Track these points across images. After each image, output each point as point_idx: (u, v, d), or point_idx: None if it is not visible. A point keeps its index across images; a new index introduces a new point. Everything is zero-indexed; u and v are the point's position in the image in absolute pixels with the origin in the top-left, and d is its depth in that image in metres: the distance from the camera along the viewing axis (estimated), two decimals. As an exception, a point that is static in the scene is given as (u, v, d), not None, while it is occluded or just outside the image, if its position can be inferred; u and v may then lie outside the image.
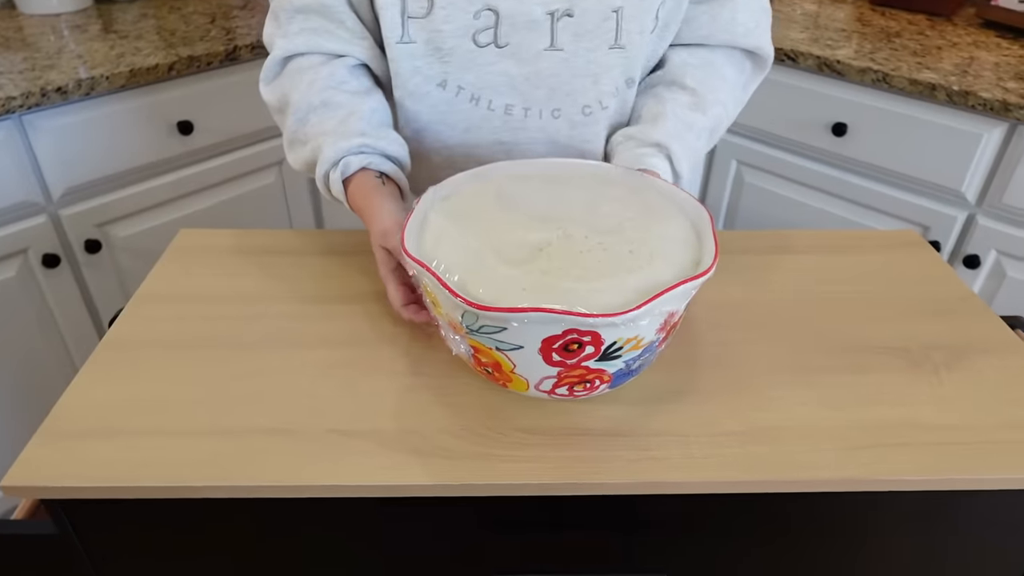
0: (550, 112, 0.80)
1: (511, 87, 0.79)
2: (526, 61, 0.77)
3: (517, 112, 0.80)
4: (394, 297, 0.68)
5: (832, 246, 0.85)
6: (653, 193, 0.65)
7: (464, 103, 0.80)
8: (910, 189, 1.40)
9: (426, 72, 0.78)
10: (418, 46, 0.76)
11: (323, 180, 0.76)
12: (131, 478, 0.56)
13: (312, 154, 0.77)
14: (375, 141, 0.75)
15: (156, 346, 0.69)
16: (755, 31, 0.83)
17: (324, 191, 0.77)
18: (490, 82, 0.78)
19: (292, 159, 0.81)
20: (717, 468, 0.57)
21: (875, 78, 1.33)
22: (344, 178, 0.74)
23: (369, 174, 0.74)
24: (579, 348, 0.54)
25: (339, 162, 0.74)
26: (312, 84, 0.77)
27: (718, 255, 0.57)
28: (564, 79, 0.78)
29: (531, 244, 0.57)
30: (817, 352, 0.69)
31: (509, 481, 0.57)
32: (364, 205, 0.73)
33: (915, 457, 0.58)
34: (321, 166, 0.75)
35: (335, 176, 0.74)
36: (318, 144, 0.76)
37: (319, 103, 0.77)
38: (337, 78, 0.78)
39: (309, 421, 0.61)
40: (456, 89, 0.79)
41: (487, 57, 0.76)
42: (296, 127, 0.78)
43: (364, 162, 0.74)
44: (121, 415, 0.61)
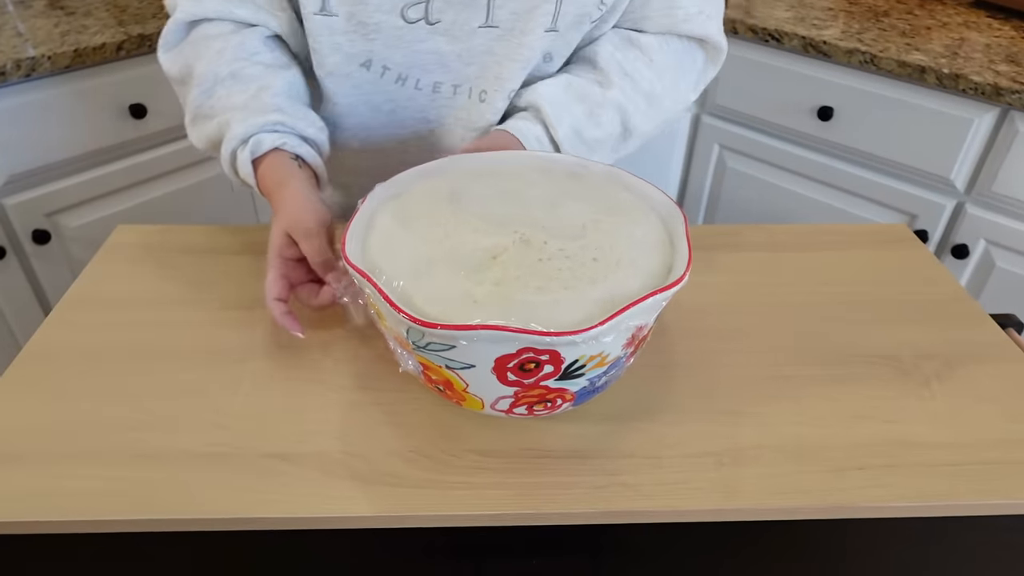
0: (478, 95, 0.74)
1: (441, 64, 0.72)
2: (459, 38, 0.71)
3: (446, 90, 0.74)
4: (270, 286, 0.61)
5: (816, 243, 0.80)
6: (622, 190, 0.60)
7: (390, 83, 0.74)
8: (897, 176, 1.35)
9: (348, 50, 0.71)
10: (339, 20, 0.69)
11: (229, 160, 0.68)
12: (46, 511, 0.50)
13: (218, 130, 0.69)
14: (292, 120, 0.68)
15: (79, 358, 0.62)
16: (697, 17, 0.76)
17: (230, 172, 0.70)
18: (419, 61, 0.72)
19: (195, 136, 0.73)
20: (691, 495, 0.52)
21: (862, 60, 1.28)
22: (254, 158, 0.67)
23: (283, 155, 0.68)
24: (536, 367, 0.48)
25: (249, 140, 0.67)
26: (221, 53, 0.70)
27: (691, 262, 0.51)
28: (496, 59, 0.72)
29: (485, 250, 0.51)
30: (800, 362, 0.64)
31: (462, 512, 0.51)
32: (276, 189, 0.66)
33: (906, 480, 0.53)
34: (228, 143, 0.67)
35: (244, 155, 0.67)
36: (225, 119, 0.68)
37: (227, 74, 0.69)
38: (249, 48, 0.70)
39: (243, 443, 0.55)
40: (382, 69, 0.72)
41: (417, 34, 0.70)
42: (201, 100, 0.71)
43: (278, 141, 0.67)
44: (38, 438, 0.55)
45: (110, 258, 0.75)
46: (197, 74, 0.71)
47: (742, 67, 1.44)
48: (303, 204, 0.63)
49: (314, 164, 0.70)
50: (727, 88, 1.48)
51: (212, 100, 0.70)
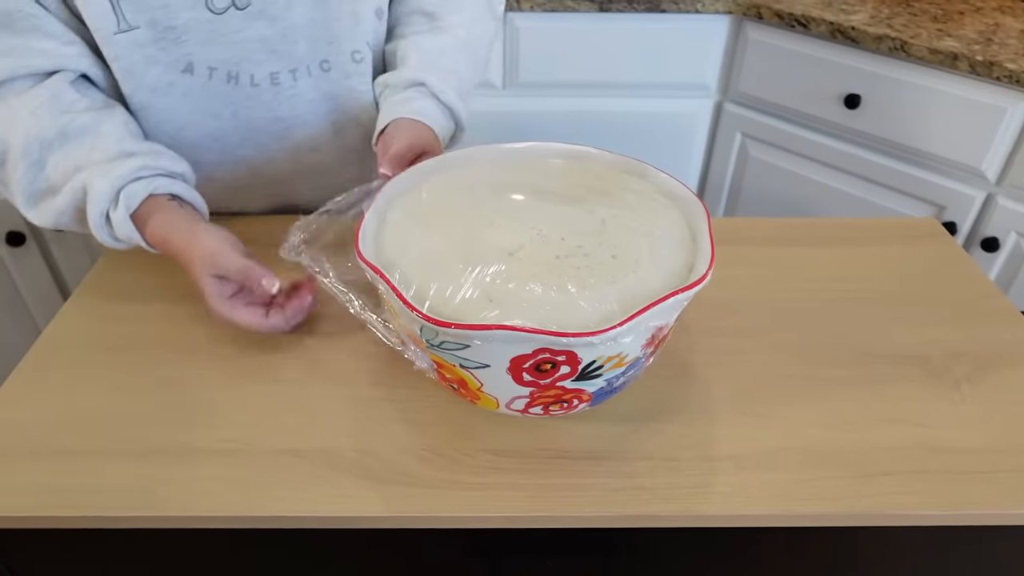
0: (319, 66, 0.71)
1: (269, 52, 0.68)
2: (276, 17, 0.66)
3: (285, 78, 0.70)
4: (252, 322, 0.59)
5: (842, 237, 0.78)
6: (643, 183, 0.58)
7: (221, 84, 0.69)
8: (926, 166, 1.31)
9: (164, 60, 0.65)
10: (143, 31, 0.63)
11: (101, 224, 0.61)
12: (56, 507, 0.50)
13: (73, 199, 0.61)
14: (151, 160, 0.63)
15: (93, 350, 0.62)
16: None
17: (105, 238, 0.62)
18: (244, 53, 0.67)
19: (41, 216, 0.64)
20: (710, 500, 0.51)
21: (892, 46, 1.24)
22: (131, 213, 0.61)
23: (160, 200, 0.62)
24: (553, 368, 0.47)
25: (119, 195, 0.61)
26: (35, 115, 0.61)
27: (714, 260, 0.49)
28: (323, 25, 0.69)
29: (501, 247, 0.49)
30: (825, 362, 0.62)
31: (475, 513, 0.50)
32: (170, 237, 0.61)
33: (935, 487, 0.52)
34: (95, 207, 0.60)
35: (119, 215, 0.61)
36: (79, 184, 0.61)
37: (55, 136, 0.61)
38: (65, 100, 0.62)
39: (256, 439, 0.55)
40: (207, 71, 0.67)
41: (230, 23, 0.65)
42: (33, 175, 0.62)
43: (149, 187, 0.62)
44: (50, 432, 0.55)
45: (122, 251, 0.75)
46: (16, 147, 0.61)
47: (766, 53, 1.40)
48: (208, 239, 0.59)
49: (190, 198, 0.65)
50: (750, 75, 1.44)
51: (48, 171, 0.62)
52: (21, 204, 0.64)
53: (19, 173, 0.62)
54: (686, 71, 1.49)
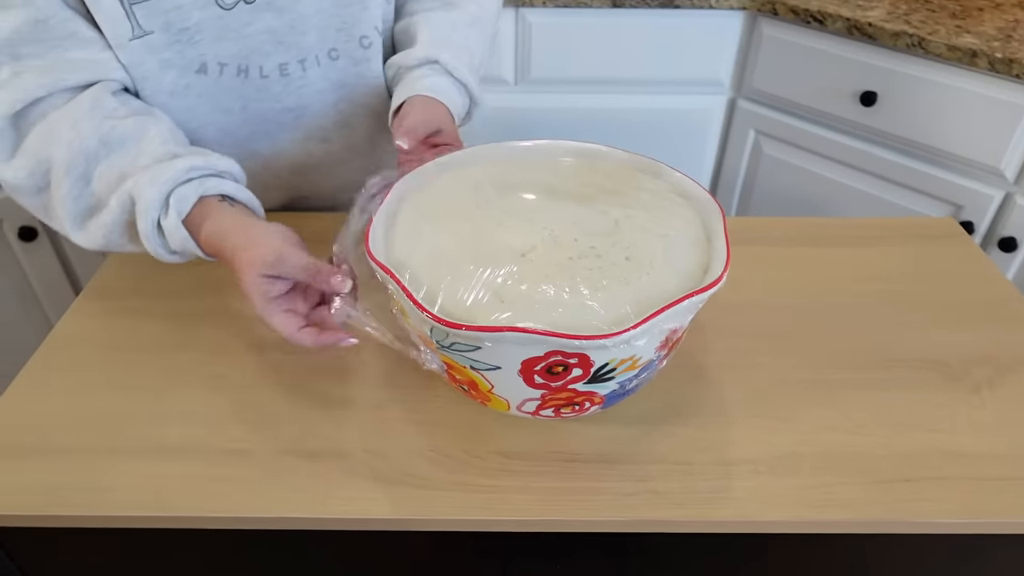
0: (327, 55, 0.71)
1: (277, 43, 0.68)
2: (284, 8, 0.66)
3: (294, 69, 0.70)
4: (283, 327, 0.53)
5: (858, 237, 0.77)
6: (655, 181, 0.57)
7: (231, 79, 0.68)
8: (943, 165, 1.29)
9: (179, 63, 0.64)
10: (157, 35, 0.62)
11: (153, 234, 0.57)
12: (63, 507, 0.50)
13: (122, 211, 0.58)
14: (199, 159, 0.58)
15: (102, 348, 0.62)
16: None
17: (159, 250, 0.58)
18: (252, 46, 0.67)
19: (89, 238, 0.60)
20: (724, 505, 0.50)
21: (909, 42, 1.22)
22: (183, 219, 0.57)
23: (211, 202, 0.58)
24: (565, 371, 0.46)
25: (169, 200, 0.56)
26: (77, 127, 0.58)
27: (729, 261, 0.49)
28: (331, 12, 0.69)
29: (513, 248, 0.49)
30: (842, 365, 0.61)
31: (485, 517, 0.50)
32: (226, 239, 0.56)
33: (953, 494, 0.51)
34: (145, 218, 0.56)
35: (171, 221, 0.56)
36: (125, 195, 0.57)
37: (97, 145, 0.58)
38: (106, 108, 0.60)
39: (264, 440, 0.54)
40: (219, 68, 0.67)
41: (240, 17, 0.65)
42: (79, 190, 0.59)
43: (200, 190, 0.57)
44: (58, 430, 0.55)
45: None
46: (60, 163, 0.58)
47: (781, 49, 1.38)
48: (275, 243, 0.54)
49: (244, 198, 0.61)
50: (765, 71, 1.43)
51: (94, 184, 0.59)
52: (69, 227, 0.60)
53: (63, 191, 0.58)
54: (699, 67, 1.48)
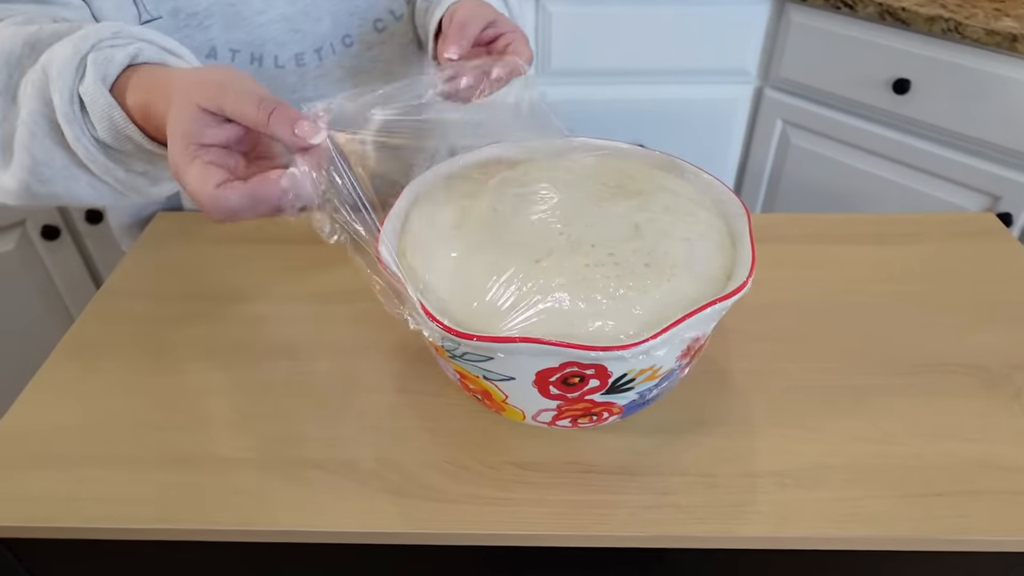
0: (341, 42, 0.69)
1: (292, 31, 0.66)
2: None
3: (310, 59, 0.68)
4: (198, 181, 0.39)
5: (891, 234, 0.73)
6: (678, 181, 0.55)
7: (243, 67, 0.65)
8: (980, 154, 1.25)
9: (188, 46, 0.61)
10: (166, 20, 0.60)
11: (73, 112, 0.43)
12: (70, 518, 0.49)
13: (38, 98, 0.45)
14: (139, 32, 0.47)
15: (112, 354, 0.61)
16: None
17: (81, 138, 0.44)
18: (266, 35, 0.65)
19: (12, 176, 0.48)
20: (749, 520, 0.48)
21: (945, 27, 1.18)
22: (109, 86, 0.44)
23: (148, 69, 0.45)
24: (581, 382, 0.45)
25: (85, 60, 0.44)
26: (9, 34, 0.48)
27: (755, 266, 0.46)
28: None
29: (528, 254, 0.47)
30: (872, 370, 0.58)
31: (500, 531, 0.48)
32: (157, 87, 0.43)
33: (990, 510, 0.48)
34: (60, 84, 0.43)
35: (89, 82, 0.43)
36: (39, 70, 0.45)
37: (23, 48, 0.47)
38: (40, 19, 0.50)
39: (273, 448, 0.53)
40: (230, 54, 0.65)
41: (252, 5, 0.63)
42: (3, 111, 0.47)
43: (132, 52, 0.45)
44: (67, 439, 0.54)
45: (148, 248, 0.74)
46: None
47: (810, 36, 1.34)
48: (200, 70, 0.42)
49: None
50: (793, 59, 1.39)
51: (19, 101, 0.47)
52: None
53: None
54: (725, 56, 1.44)
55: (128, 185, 0.44)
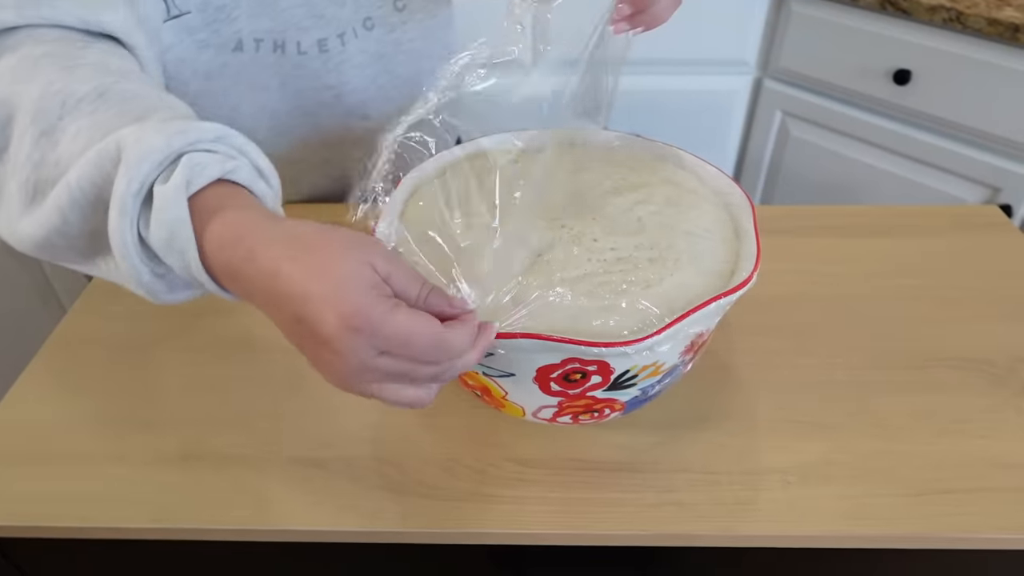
0: (362, 25, 0.67)
1: (315, 17, 0.64)
2: None
3: (333, 44, 0.67)
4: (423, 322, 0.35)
5: (894, 226, 0.73)
6: (681, 173, 0.54)
7: (268, 56, 0.64)
8: (980, 145, 1.24)
9: (215, 42, 0.61)
10: (194, 15, 0.58)
11: (132, 202, 0.36)
12: (62, 517, 0.48)
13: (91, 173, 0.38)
14: (236, 139, 0.40)
15: (106, 347, 0.60)
16: None
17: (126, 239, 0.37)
18: (289, 20, 0.64)
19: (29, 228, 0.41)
20: (753, 518, 0.47)
21: (947, 17, 1.17)
22: (190, 194, 0.37)
23: (233, 189, 0.39)
24: (583, 378, 0.44)
25: (179, 159, 0.37)
26: (69, 67, 0.43)
27: (759, 261, 0.45)
28: None
29: (529, 248, 0.46)
30: (877, 365, 0.57)
31: (501, 529, 0.47)
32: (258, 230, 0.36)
33: (998, 507, 0.47)
34: (134, 171, 0.36)
35: (174, 184, 0.36)
36: (111, 143, 0.37)
37: (90, 93, 0.41)
38: (120, 63, 0.46)
39: (269, 446, 0.52)
40: (255, 45, 0.63)
41: None
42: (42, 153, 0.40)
43: (229, 169, 0.38)
44: (57, 437, 0.53)
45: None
46: (26, 108, 0.41)
47: (809, 26, 1.33)
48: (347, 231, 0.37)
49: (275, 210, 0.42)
50: (792, 49, 1.37)
51: (63, 146, 0.40)
52: (15, 208, 0.42)
53: (24, 151, 0.41)
54: (724, 46, 1.43)
55: (145, 284, 0.39)
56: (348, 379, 0.36)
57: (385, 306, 0.34)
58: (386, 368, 0.35)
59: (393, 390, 0.37)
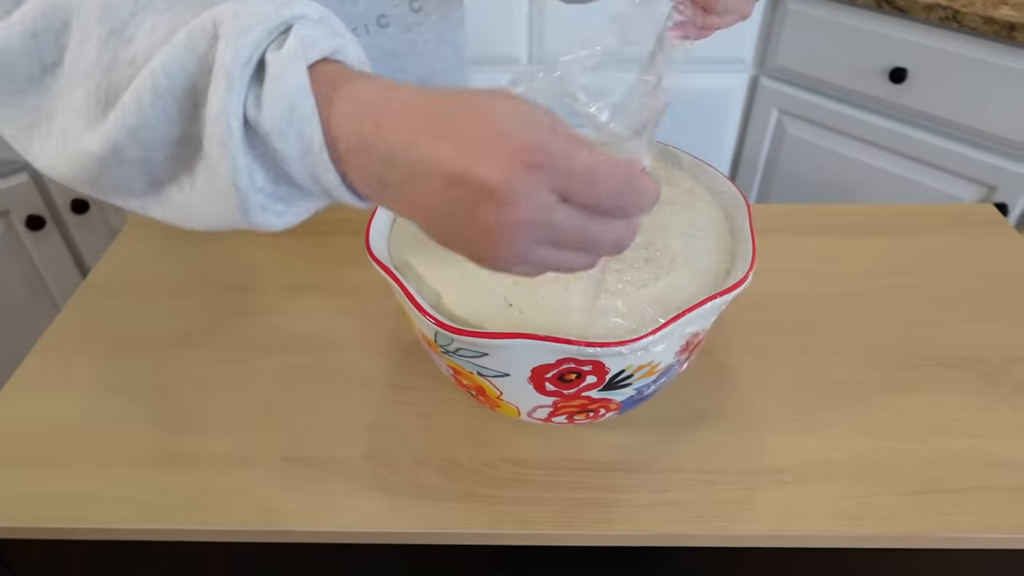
0: (376, 22, 0.66)
1: None
2: None
3: None
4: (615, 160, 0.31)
5: (890, 225, 0.72)
6: (677, 172, 0.53)
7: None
8: (976, 144, 1.24)
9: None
10: None
11: (241, 77, 0.32)
12: (62, 518, 0.48)
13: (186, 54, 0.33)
14: (338, 23, 0.37)
15: (99, 347, 0.60)
16: None
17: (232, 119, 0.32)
18: None
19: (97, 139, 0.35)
20: (749, 518, 0.47)
21: (943, 15, 1.16)
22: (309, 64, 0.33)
23: (346, 68, 0.35)
24: (578, 378, 0.43)
25: (290, 27, 0.33)
26: None
27: (755, 260, 0.45)
28: None
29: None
30: (873, 364, 0.57)
31: (496, 530, 0.47)
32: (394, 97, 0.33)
33: (994, 506, 0.47)
34: (242, 40, 0.32)
35: (290, 50, 0.32)
36: (206, 20, 0.33)
37: None
38: None
39: (265, 445, 0.52)
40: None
41: None
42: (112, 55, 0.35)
43: (337, 47, 0.35)
44: (53, 436, 0.53)
45: (133, 239, 0.73)
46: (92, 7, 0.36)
47: (806, 25, 1.33)
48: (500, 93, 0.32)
49: None
50: (788, 48, 1.37)
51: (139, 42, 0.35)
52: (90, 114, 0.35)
53: (89, 55, 0.35)
54: (719, 44, 1.41)
55: (243, 190, 0.33)
56: (514, 241, 0.29)
57: (564, 138, 0.29)
58: (561, 223, 0.30)
59: (563, 258, 0.31)
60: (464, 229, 0.30)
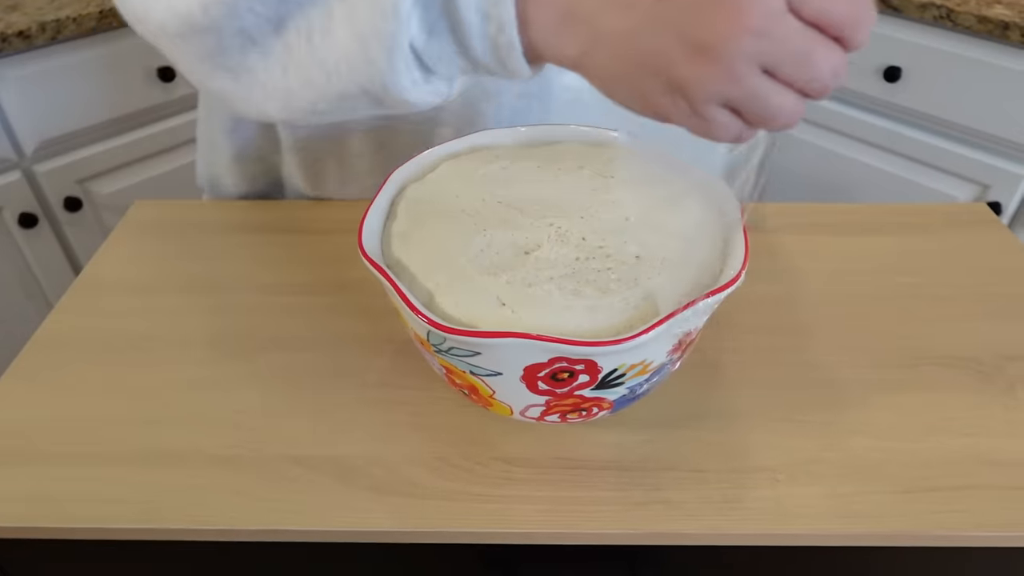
0: None
1: None
2: None
3: None
4: None
5: (883, 224, 0.73)
6: (669, 171, 0.53)
7: None
8: (970, 143, 1.24)
9: None
10: None
11: None
12: (49, 517, 0.48)
13: None
14: None
15: (90, 348, 0.60)
16: None
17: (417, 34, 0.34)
18: None
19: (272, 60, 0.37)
20: (741, 516, 0.47)
21: (937, 14, 1.17)
22: None
23: None
24: (571, 377, 0.43)
25: None
26: None
27: (748, 258, 0.45)
28: None
29: (516, 246, 0.45)
30: (864, 363, 0.57)
31: (487, 528, 0.47)
32: None
33: (986, 505, 0.47)
34: None
35: None
36: None
37: None
38: None
39: (257, 445, 0.52)
40: None
41: None
42: None
43: None
44: (44, 435, 0.52)
45: (126, 237, 0.72)
46: None
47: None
48: None
49: None
50: None
51: None
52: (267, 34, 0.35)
53: None
54: (715, 43, 1.43)
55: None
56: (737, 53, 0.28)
57: None
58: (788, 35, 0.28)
59: (773, 93, 0.30)
60: (671, 50, 0.28)
